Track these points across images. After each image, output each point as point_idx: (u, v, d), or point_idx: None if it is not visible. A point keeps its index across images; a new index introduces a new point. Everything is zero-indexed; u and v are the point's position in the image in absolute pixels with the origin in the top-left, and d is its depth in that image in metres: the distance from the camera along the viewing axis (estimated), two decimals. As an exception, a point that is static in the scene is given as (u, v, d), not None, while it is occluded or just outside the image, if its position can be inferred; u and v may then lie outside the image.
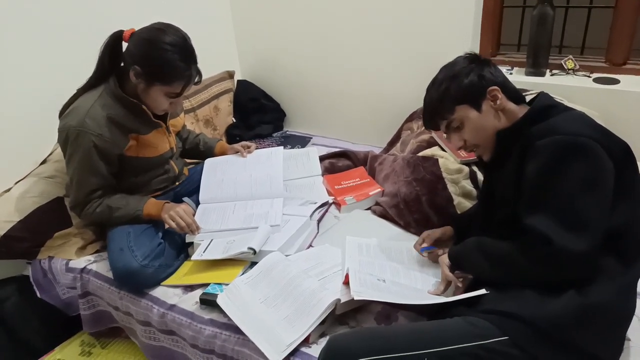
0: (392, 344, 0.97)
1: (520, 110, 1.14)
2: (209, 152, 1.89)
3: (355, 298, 1.10)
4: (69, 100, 1.50)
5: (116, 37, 1.44)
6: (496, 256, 1.07)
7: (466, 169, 1.61)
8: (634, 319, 1.11)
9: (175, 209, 1.49)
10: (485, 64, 1.15)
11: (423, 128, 1.94)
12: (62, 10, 1.80)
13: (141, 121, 1.52)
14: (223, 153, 1.88)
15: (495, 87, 1.12)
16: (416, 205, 1.59)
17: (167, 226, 1.54)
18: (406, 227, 1.57)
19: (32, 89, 1.75)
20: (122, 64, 1.47)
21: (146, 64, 1.39)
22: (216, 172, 1.77)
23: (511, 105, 1.14)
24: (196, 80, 1.48)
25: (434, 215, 1.56)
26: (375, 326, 1.21)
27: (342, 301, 1.18)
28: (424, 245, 1.36)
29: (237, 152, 1.85)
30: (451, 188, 1.58)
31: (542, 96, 1.15)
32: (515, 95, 1.16)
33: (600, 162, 0.96)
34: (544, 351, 0.95)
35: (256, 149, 1.87)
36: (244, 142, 1.91)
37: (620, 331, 1.01)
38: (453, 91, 1.14)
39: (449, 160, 1.64)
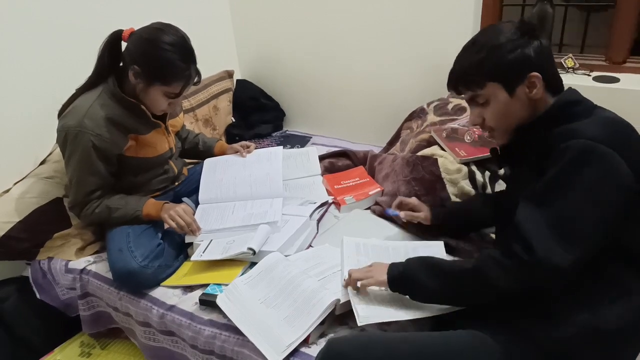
0: (391, 355, 0.93)
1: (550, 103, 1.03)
2: (208, 152, 1.88)
3: (360, 324, 1.04)
4: (68, 100, 1.50)
5: (115, 37, 1.44)
6: (453, 272, 0.99)
7: (465, 169, 1.60)
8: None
9: (175, 208, 1.49)
10: (536, 38, 0.99)
11: (423, 127, 1.93)
12: (60, 11, 1.79)
13: (140, 121, 1.51)
14: (222, 153, 1.88)
15: (537, 75, 0.98)
16: (415, 205, 1.59)
17: (166, 226, 1.54)
18: (405, 226, 1.57)
19: (31, 89, 1.74)
20: (121, 64, 1.47)
21: (145, 63, 1.39)
22: (215, 171, 1.76)
23: (546, 97, 1.01)
24: (195, 80, 1.47)
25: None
26: (377, 332, 1.14)
27: (342, 301, 1.17)
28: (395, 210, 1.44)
29: (236, 151, 1.85)
30: (450, 189, 1.58)
31: (567, 92, 1.03)
32: (555, 85, 1.03)
33: (613, 174, 0.87)
34: None
35: (255, 148, 1.87)
36: (243, 142, 1.91)
37: (635, 352, 0.96)
38: (490, 64, 0.99)
39: (448, 160, 1.63)
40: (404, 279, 1.05)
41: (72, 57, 1.78)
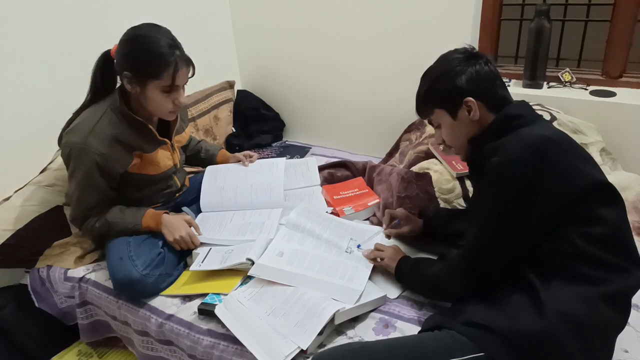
0: (371, 357, 1.00)
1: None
2: (211, 160, 1.89)
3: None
4: (71, 117, 1.50)
5: (105, 57, 1.45)
6: (428, 279, 1.21)
7: (458, 188, 1.60)
8: (630, 330, 1.11)
9: (180, 234, 1.48)
10: (476, 64, 1.13)
11: (421, 139, 1.95)
12: (63, 18, 1.81)
13: (146, 139, 1.50)
14: (225, 161, 1.87)
15: (471, 99, 1.11)
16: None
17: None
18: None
19: (32, 96, 1.75)
20: (120, 83, 1.44)
21: (130, 64, 1.38)
22: (217, 178, 1.77)
23: (488, 115, 1.13)
24: (190, 73, 1.43)
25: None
26: (360, 341, 1.19)
27: (341, 311, 1.18)
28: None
29: (238, 161, 1.84)
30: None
31: (507, 108, 1.12)
32: (496, 103, 1.13)
33: (518, 193, 0.98)
34: None
35: (258, 159, 1.88)
36: (246, 152, 1.90)
37: (600, 343, 0.96)
38: (433, 94, 1.17)
39: (443, 177, 1.63)
40: (405, 276, 1.31)
41: (74, 64, 1.79)
